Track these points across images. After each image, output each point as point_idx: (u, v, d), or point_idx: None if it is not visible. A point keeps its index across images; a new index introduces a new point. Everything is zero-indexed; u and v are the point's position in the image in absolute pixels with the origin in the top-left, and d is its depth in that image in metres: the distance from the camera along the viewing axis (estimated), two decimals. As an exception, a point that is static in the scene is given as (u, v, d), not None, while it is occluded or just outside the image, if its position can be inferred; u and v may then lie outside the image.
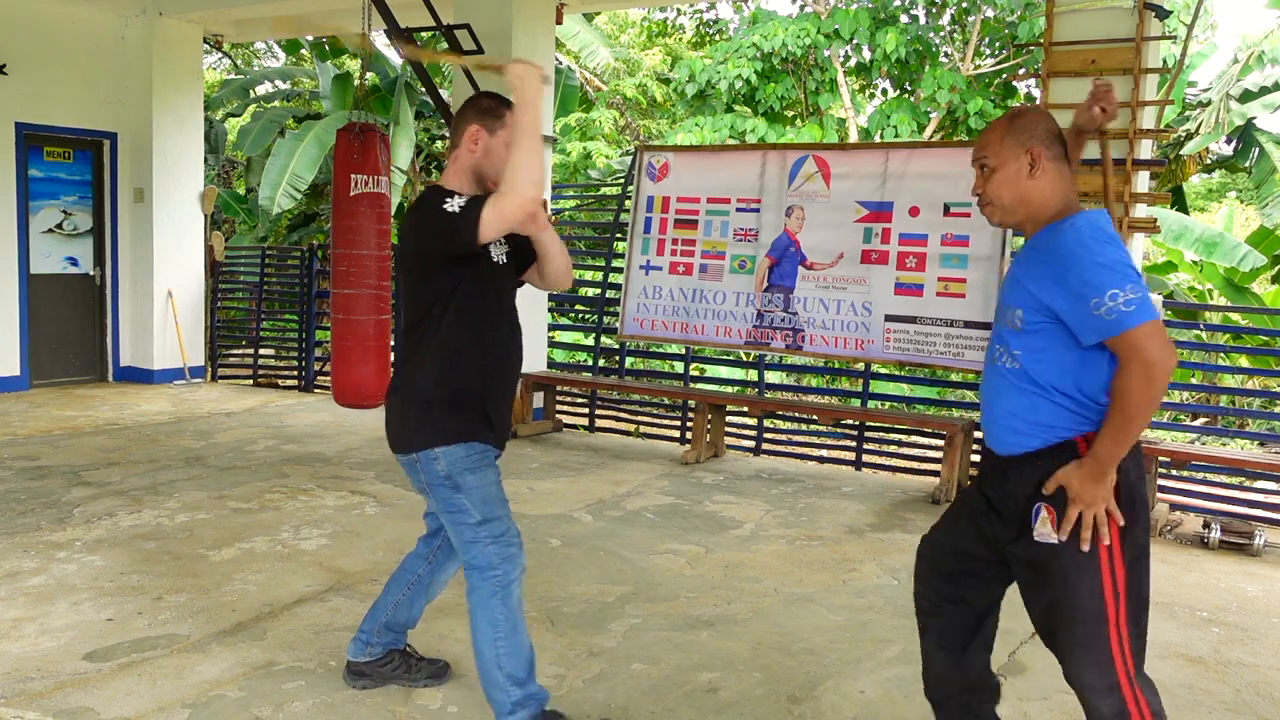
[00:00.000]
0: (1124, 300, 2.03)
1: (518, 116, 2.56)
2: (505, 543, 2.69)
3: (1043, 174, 2.25)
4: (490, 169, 2.69)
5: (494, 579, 2.67)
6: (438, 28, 6.78)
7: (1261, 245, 10.71)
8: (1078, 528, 2.16)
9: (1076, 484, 2.13)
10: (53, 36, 8.51)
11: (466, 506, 2.67)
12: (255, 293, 9.96)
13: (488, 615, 2.68)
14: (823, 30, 13.30)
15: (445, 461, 2.66)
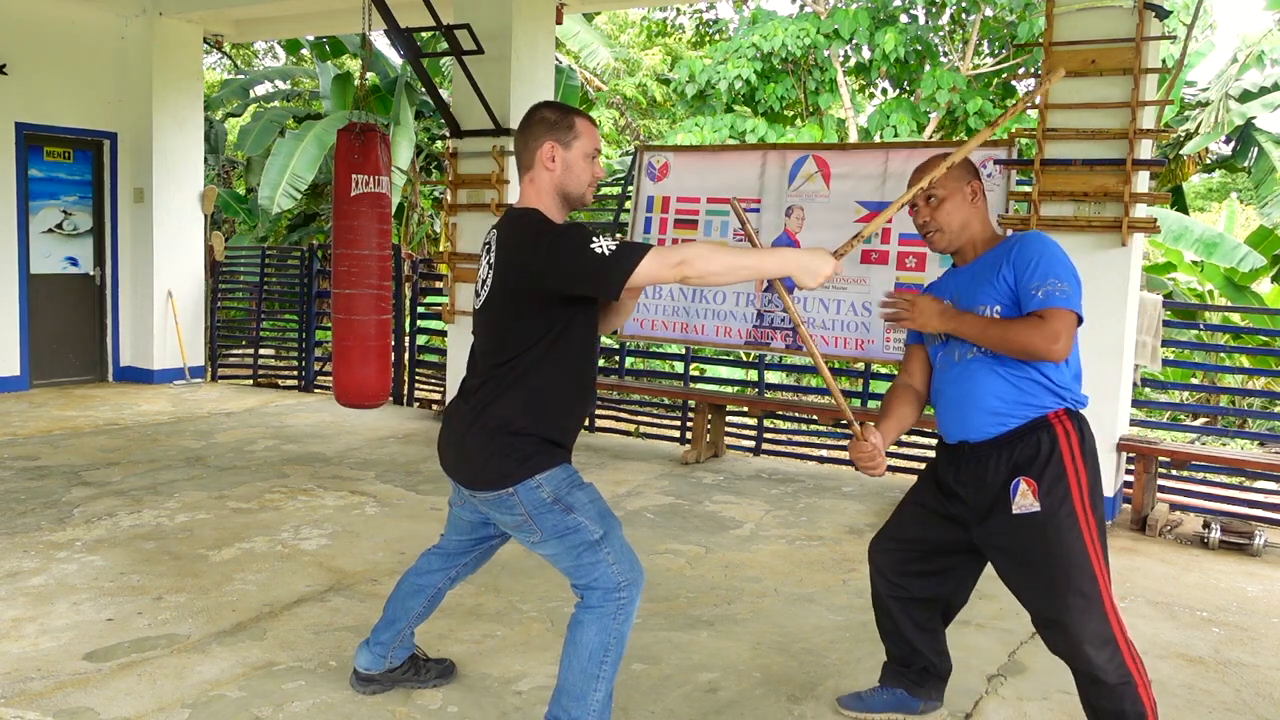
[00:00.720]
0: (1060, 288, 2.46)
1: (780, 256, 2.51)
2: (630, 562, 2.55)
3: (980, 201, 2.71)
4: (573, 185, 2.58)
5: (618, 601, 2.51)
6: (438, 27, 6.79)
7: (1261, 245, 10.70)
8: (1056, 494, 2.48)
9: (924, 302, 2.65)
10: (53, 36, 8.52)
11: (584, 525, 2.52)
12: (255, 293, 9.96)
13: (602, 637, 2.50)
14: (822, 30, 13.30)
15: (549, 487, 2.52)
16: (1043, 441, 2.52)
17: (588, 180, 2.60)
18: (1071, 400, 2.57)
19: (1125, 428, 5.61)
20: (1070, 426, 2.54)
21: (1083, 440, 2.53)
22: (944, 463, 2.73)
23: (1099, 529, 2.49)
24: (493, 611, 3.77)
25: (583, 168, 2.58)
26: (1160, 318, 5.87)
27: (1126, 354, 5.46)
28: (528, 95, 7.26)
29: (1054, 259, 2.50)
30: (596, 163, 2.63)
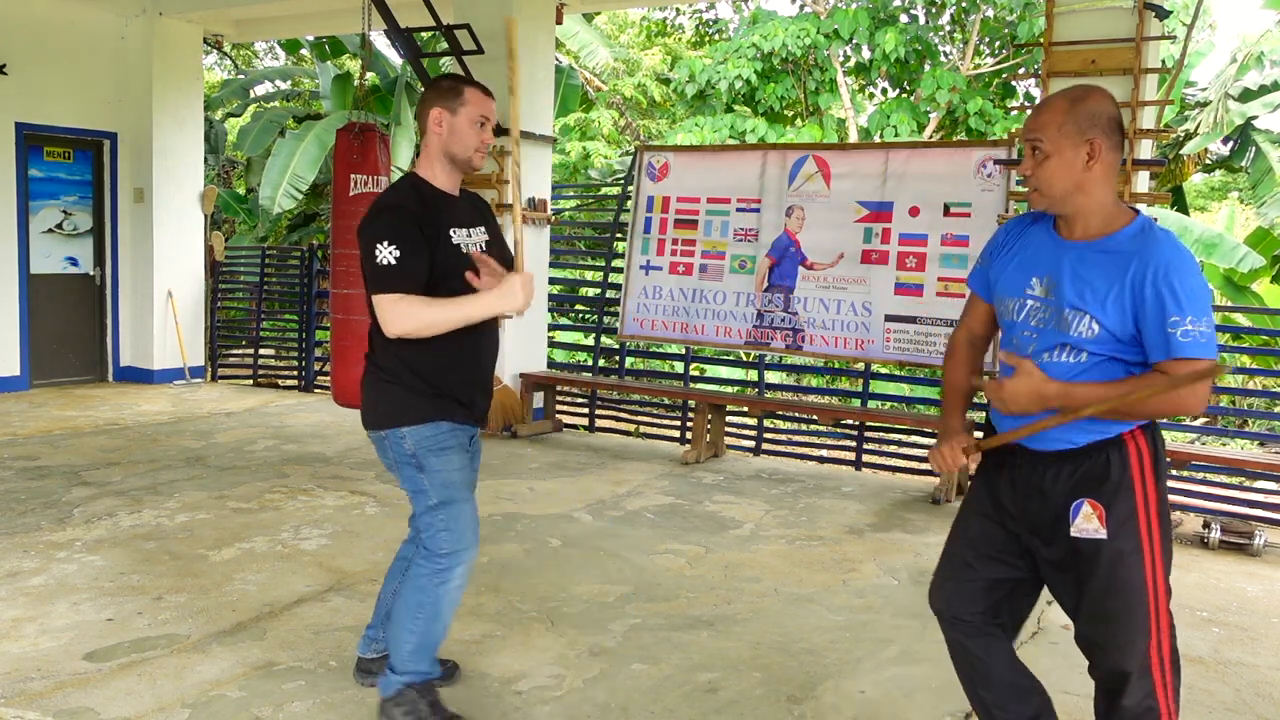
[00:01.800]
0: (1199, 331, 2.03)
1: (481, 301, 2.63)
2: (459, 535, 2.74)
3: (1100, 166, 2.13)
4: (458, 148, 2.73)
5: (436, 566, 2.73)
6: (438, 27, 6.79)
7: (1260, 246, 10.70)
8: (1122, 522, 2.17)
9: (1017, 385, 2.17)
10: (53, 36, 8.51)
11: (426, 488, 2.72)
12: (255, 293, 9.96)
13: (417, 596, 2.74)
14: (822, 30, 13.30)
15: (411, 440, 2.70)
16: (1113, 461, 2.17)
17: (473, 145, 2.75)
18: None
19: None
20: (1144, 444, 2.19)
21: (1156, 460, 2.20)
22: (994, 464, 2.36)
23: (1164, 556, 2.20)
24: (493, 611, 3.77)
25: (468, 132, 2.73)
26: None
27: (1126, 354, 5.46)
28: (528, 95, 7.26)
29: (1199, 285, 2.05)
30: (485, 129, 2.77)
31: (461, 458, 2.79)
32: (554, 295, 8.46)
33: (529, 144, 7.26)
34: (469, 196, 2.95)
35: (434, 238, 2.66)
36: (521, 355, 7.45)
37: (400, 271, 2.58)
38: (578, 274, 9.52)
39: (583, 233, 10.08)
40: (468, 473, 2.82)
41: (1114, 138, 2.15)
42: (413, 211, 2.65)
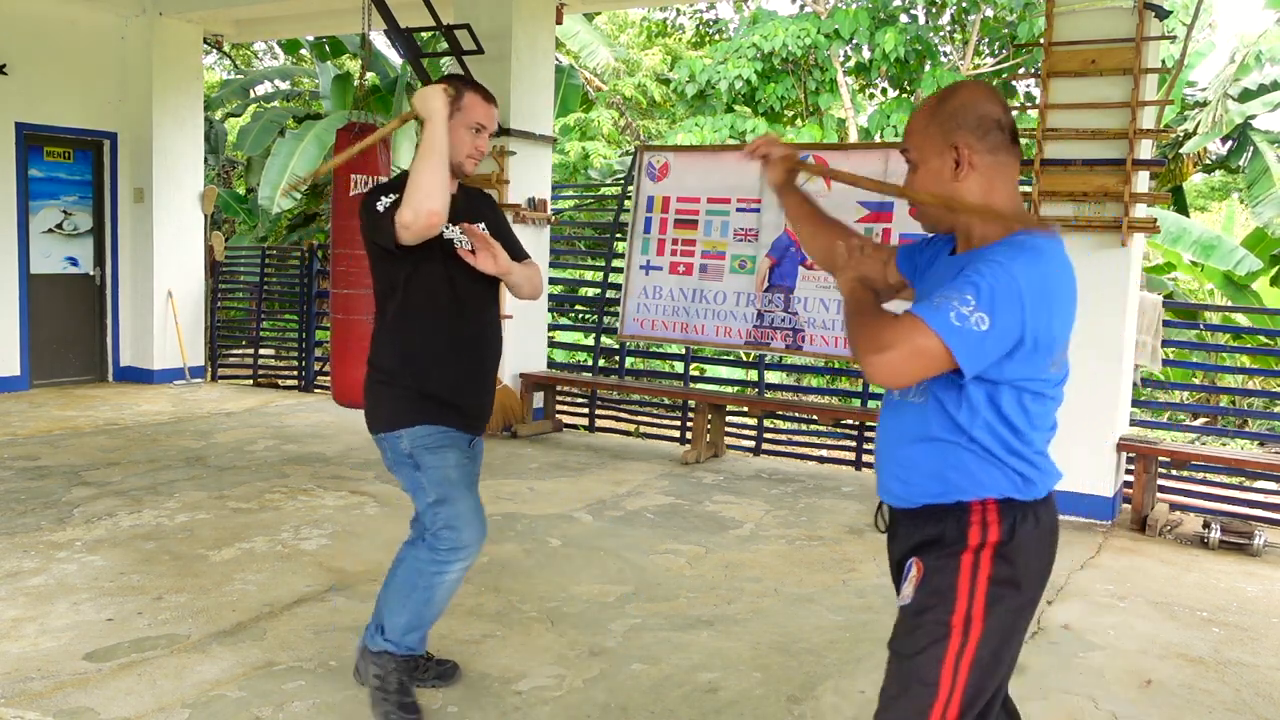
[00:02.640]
0: (952, 305, 1.69)
1: (423, 133, 2.64)
2: (456, 530, 2.76)
3: (972, 174, 1.79)
4: (451, 153, 2.73)
5: (435, 558, 2.78)
6: (438, 27, 6.79)
7: (1258, 247, 10.70)
8: (934, 593, 1.79)
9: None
10: (53, 36, 8.51)
11: (424, 485, 2.77)
12: (255, 293, 9.96)
13: (410, 579, 2.81)
14: (822, 30, 13.30)
15: (408, 440, 2.75)
16: (948, 526, 1.80)
17: (466, 151, 2.76)
18: (1000, 479, 1.77)
19: (1125, 428, 5.61)
20: (994, 518, 1.77)
21: (1001, 551, 1.76)
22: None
23: (976, 657, 1.76)
24: (493, 611, 3.77)
25: (463, 138, 2.75)
26: (1160, 318, 5.86)
27: (1126, 354, 5.46)
28: (528, 95, 7.26)
29: (999, 272, 1.67)
30: (481, 136, 2.79)
31: (459, 456, 2.81)
32: (554, 295, 8.46)
33: (529, 144, 7.26)
34: (469, 193, 2.96)
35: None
36: (521, 355, 7.45)
37: (395, 205, 2.62)
38: (578, 274, 9.52)
39: (583, 233, 10.08)
40: (466, 470, 2.84)
41: (990, 138, 1.79)
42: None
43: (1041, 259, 1.72)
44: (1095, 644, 3.68)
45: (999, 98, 1.85)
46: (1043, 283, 1.70)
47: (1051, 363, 1.78)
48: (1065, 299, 1.76)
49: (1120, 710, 3.13)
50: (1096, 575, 4.51)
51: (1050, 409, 1.84)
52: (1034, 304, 1.69)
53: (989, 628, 1.76)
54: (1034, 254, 1.72)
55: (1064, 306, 1.76)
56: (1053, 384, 1.81)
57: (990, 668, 1.79)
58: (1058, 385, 1.83)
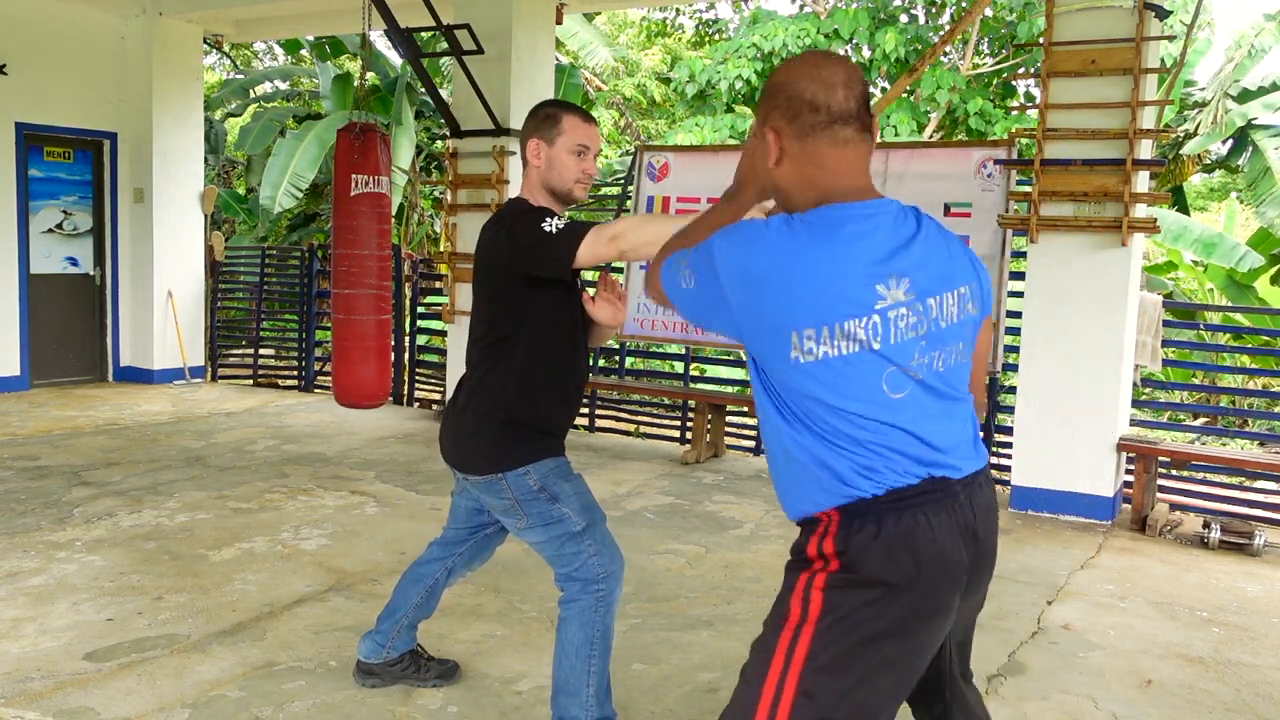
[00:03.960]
0: (678, 257, 1.75)
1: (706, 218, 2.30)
2: (610, 554, 2.62)
3: (786, 160, 1.67)
4: (557, 180, 2.61)
5: (598, 592, 2.58)
6: (438, 27, 6.79)
7: (1261, 246, 10.70)
8: (775, 606, 1.66)
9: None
10: (53, 36, 8.51)
11: (568, 516, 2.58)
12: (255, 293, 9.96)
13: (586, 630, 2.57)
14: (822, 30, 13.30)
15: (537, 475, 2.57)
16: (801, 536, 1.69)
17: (574, 176, 2.61)
18: (822, 481, 1.62)
19: (1125, 428, 5.61)
20: (834, 526, 1.62)
21: (841, 550, 1.60)
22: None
23: (803, 677, 1.57)
24: (493, 611, 3.77)
25: (567, 163, 2.60)
26: (1160, 318, 5.87)
27: (1126, 354, 5.46)
28: (528, 95, 7.25)
29: (721, 232, 1.67)
30: (586, 158, 2.63)
31: (584, 481, 2.70)
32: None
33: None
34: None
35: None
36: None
37: (571, 227, 2.44)
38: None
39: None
40: (593, 495, 2.73)
41: (800, 122, 1.64)
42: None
43: (757, 237, 1.59)
44: (1095, 644, 3.68)
45: (829, 76, 1.64)
46: (744, 263, 1.59)
47: (792, 349, 1.57)
48: (782, 280, 1.57)
49: (1120, 710, 3.13)
50: (1096, 575, 4.51)
51: (821, 402, 1.60)
52: (731, 282, 1.59)
53: (822, 628, 1.59)
54: (747, 232, 1.61)
55: (780, 287, 1.57)
56: (804, 373, 1.58)
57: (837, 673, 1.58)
58: (809, 374, 1.58)
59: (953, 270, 1.70)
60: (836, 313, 1.56)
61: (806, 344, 1.56)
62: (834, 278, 1.57)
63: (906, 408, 1.61)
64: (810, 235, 1.58)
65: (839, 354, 1.56)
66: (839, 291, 1.56)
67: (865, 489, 1.59)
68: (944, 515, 1.62)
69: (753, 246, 1.59)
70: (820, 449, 1.61)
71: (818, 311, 1.56)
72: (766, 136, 1.67)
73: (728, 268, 1.59)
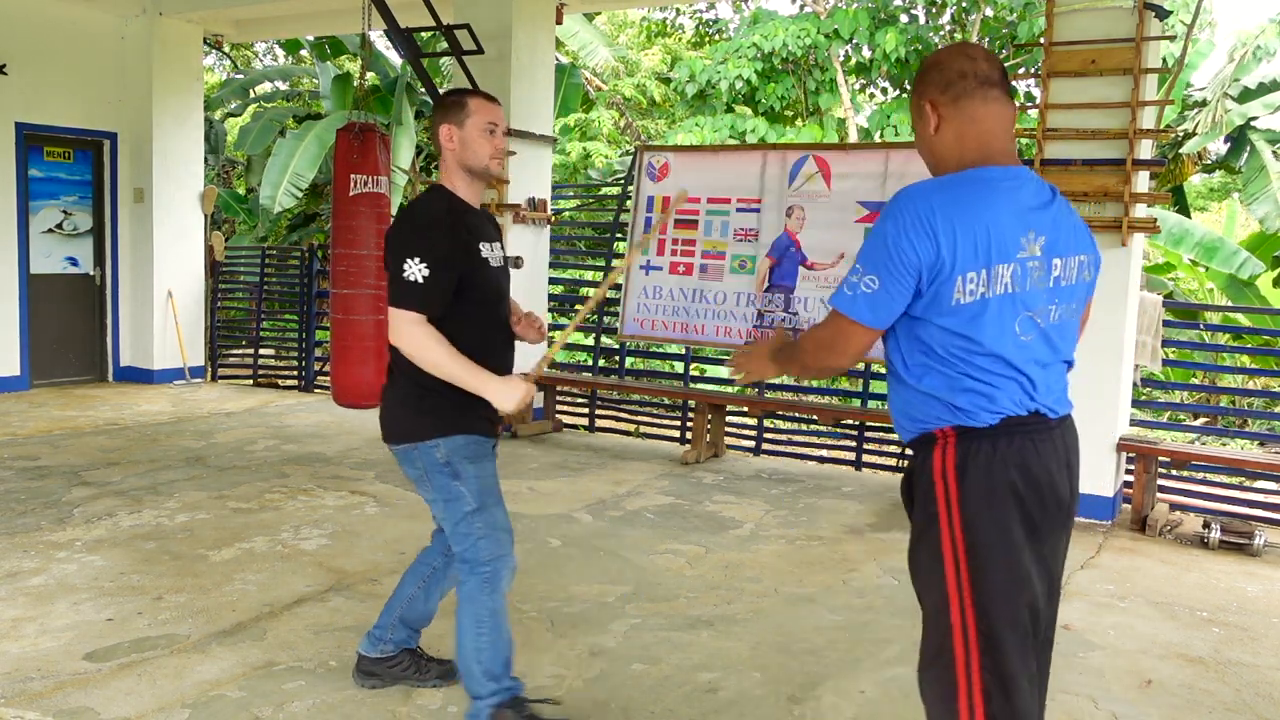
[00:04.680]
0: (852, 280, 1.91)
1: (481, 380, 2.62)
2: (497, 538, 2.75)
3: (944, 125, 1.96)
4: (473, 159, 2.73)
5: (484, 574, 2.73)
6: (438, 28, 6.79)
7: (1260, 249, 10.68)
8: (924, 536, 1.96)
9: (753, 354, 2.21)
10: (53, 36, 8.51)
11: (464, 494, 2.71)
12: (255, 293, 9.96)
13: (473, 610, 2.73)
14: (823, 30, 13.30)
15: (445, 449, 2.69)
16: (920, 461, 1.99)
17: (487, 153, 2.74)
18: (945, 411, 1.93)
19: (1125, 428, 5.61)
20: (951, 447, 1.92)
21: (961, 466, 1.90)
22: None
23: (971, 570, 1.89)
24: (493, 611, 3.77)
25: (479, 142, 2.72)
26: (1160, 318, 5.86)
27: (1126, 354, 5.46)
28: (528, 95, 7.26)
29: (876, 226, 1.90)
30: (496, 135, 2.76)
31: (493, 465, 2.79)
32: (554, 295, 8.46)
33: (529, 144, 7.26)
34: (485, 211, 2.96)
35: (466, 252, 2.67)
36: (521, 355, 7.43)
37: (423, 291, 2.58)
38: (578, 274, 9.52)
39: (583, 233, 10.07)
40: (497, 480, 2.82)
41: (953, 89, 1.94)
42: (447, 226, 2.65)
43: (922, 199, 1.86)
44: (1095, 644, 3.68)
45: (972, 52, 1.96)
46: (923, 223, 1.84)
47: (955, 292, 1.85)
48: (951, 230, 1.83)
49: (1120, 710, 3.13)
50: (1096, 575, 4.51)
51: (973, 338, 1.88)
52: (911, 252, 1.84)
53: (972, 543, 1.89)
54: (913, 198, 1.87)
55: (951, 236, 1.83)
56: (962, 314, 1.86)
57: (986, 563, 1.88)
58: (966, 314, 1.86)
59: (1077, 239, 1.99)
60: (994, 256, 1.84)
61: (969, 286, 1.84)
62: (991, 226, 1.84)
63: (1029, 350, 1.90)
64: (970, 189, 1.87)
65: (993, 294, 1.85)
66: (996, 238, 1.84)
67: (983, 418, 1.89)
68: (1046, 445, 1.92)
69: (920, 207, 1.84)
70: (952, 379, 1.89)
71: (981, 255, 1.83)
72: (924, 109, 1.96)
73: (909, 234, 1.83)
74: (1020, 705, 1.88)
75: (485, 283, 2.74)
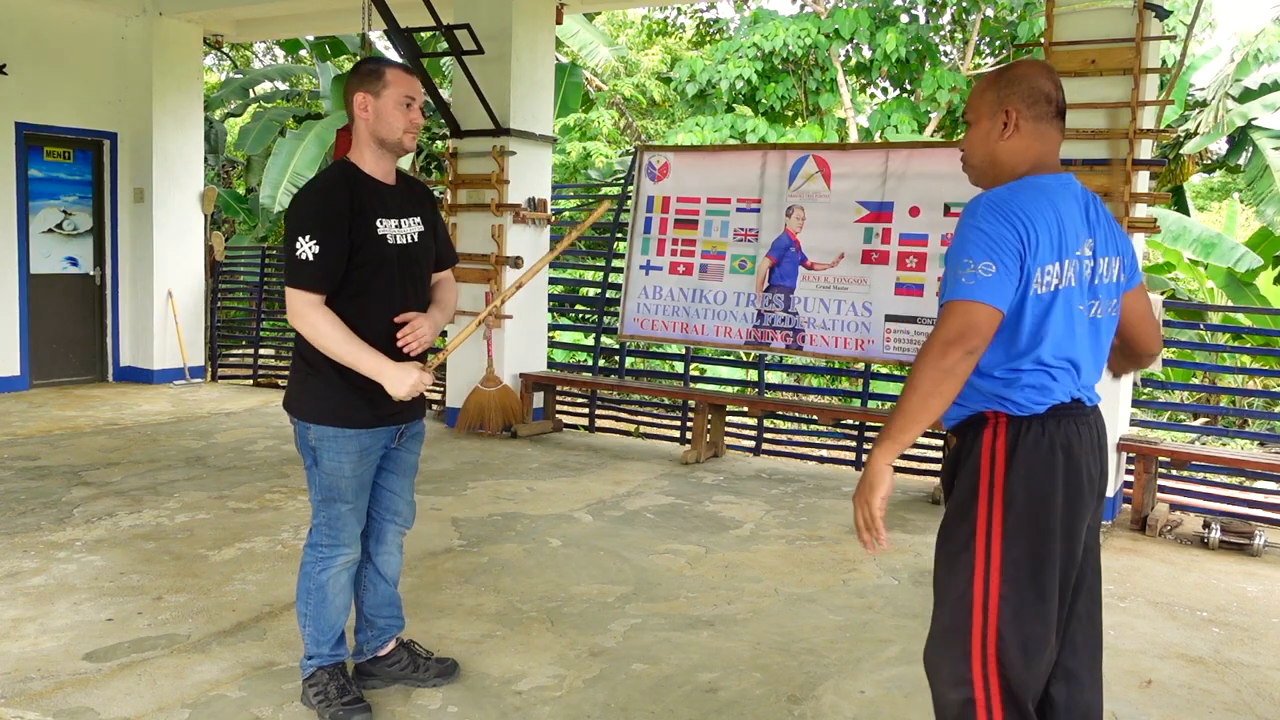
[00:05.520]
0: (967, 273, 1.94)
1: (375, 362, 2.63)
2: (334, 535, 2.80)
3: (1016, 135, 2.12)
4: (386, 131, 2.71)
5: (316, 554, 2.83)
6: (438, 28, 6.79)
7: (1260, 247, 10.69)
8: (962, 511, 2.09)
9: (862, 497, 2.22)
10: (53, 36, 8.51)
11: (315, 481, 2.79)
12: (255, 293, 9.96)
13: (304, 582, 2.86)
14: (823, 30, 13.31)
15: (315, 434, 2.75)
16: (968, 440, 2.11)
17: (402, 126, 2.72)
18: (998, 399, 2.05)
19: (1125, 427, 5.61)
20: (1003, 428, 2.04)
21: (1011, 449, 2.02)
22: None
23: (1004, 557, 2.01)
24: (493, 611, 3.77)
25: (395, 115, 2.70)
26: (1160, 318, 5.87)
27: (1127, 354, 5.45)
28: (528, 95, 7.26)
29: (965, 230, 1.99)
30: (414, 109, 2.74)
31: (357, 462, 2.76)
32: (554, 295, 8.46)
33: (529, 144, 7.26)
34: (408, 182, 2.90)
35: (358, 229, 2.65)
36: (521, 355, 7.45)
37: (315, 269, 2.59)
38: (578, 274, 9.52)
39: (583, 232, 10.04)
40: (362, 476, 2.79)
41: (1038, 108, 2.16)
42: (338, 201, 2.63)
43: (999, 201, 2.01)
44: (1095, 644, 3.67)
45: (1054, 78, 2.21)
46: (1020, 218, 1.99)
47: (1035, 283, 1.99)
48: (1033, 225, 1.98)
49: (1120, 710, 3.13)
50: (1096, 575, 4.50)
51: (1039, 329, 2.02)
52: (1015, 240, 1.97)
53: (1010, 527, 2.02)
54: (1005, 200, 2.01)
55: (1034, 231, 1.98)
56: (1040, 302, 2.00)
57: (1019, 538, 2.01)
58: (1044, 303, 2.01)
59: (1115, 241, 2.17)
60: (1063, 250, 2.01)
61: (1047, 277, 1.99)
62: (1060, 223, 2.01)
63: (1080, 342, 2.06)
64: (1039, 192, 2.03)
65: (1064, 285, 2.01)
66: (1063, 233, 2.01)
67: (1035, 408, 2.02)
68: (1085, 428, 2.07)
69: (1006, 204, 1.99)
70: (1014, 375, 2.02)
71: (1055, 249, 2.00)
72: (1002, 114, 2.12)
73: (1005, 226, 1.96)
74: (1035, 672, 2.02)
75: (379, 260, 2.68)
